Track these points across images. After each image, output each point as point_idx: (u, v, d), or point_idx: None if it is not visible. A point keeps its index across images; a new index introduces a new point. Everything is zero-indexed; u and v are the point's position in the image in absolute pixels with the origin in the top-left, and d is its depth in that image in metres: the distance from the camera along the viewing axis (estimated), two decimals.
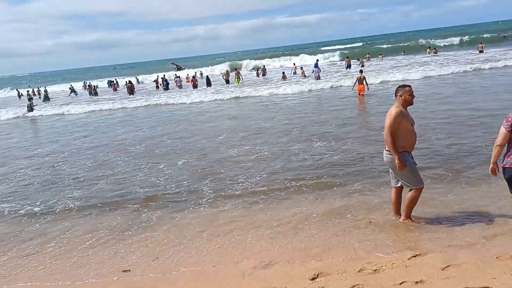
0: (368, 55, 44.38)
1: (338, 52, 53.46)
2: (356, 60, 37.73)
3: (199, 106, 20.96)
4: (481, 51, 35.60)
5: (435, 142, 9.13)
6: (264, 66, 40.69)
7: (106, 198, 7.77)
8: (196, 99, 23.34)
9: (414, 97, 4.94)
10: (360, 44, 76.69)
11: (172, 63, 64.00)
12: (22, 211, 7.49)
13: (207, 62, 76.19)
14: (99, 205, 7.43)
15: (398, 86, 4.99)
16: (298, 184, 7.45)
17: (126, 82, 36.15)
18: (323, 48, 75.33)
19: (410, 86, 4.90)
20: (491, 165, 4.39)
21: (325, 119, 13.60)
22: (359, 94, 18.01)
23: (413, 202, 5.01)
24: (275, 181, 7.73)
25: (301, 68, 33.54)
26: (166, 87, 33.00)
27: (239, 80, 31.53)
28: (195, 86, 31.55)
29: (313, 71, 29.03)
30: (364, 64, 34.44)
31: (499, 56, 30.46)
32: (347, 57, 36.79)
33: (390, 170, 5.11)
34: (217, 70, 48.22)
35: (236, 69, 36.89)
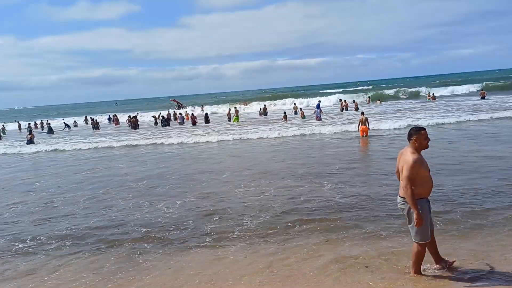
0: (368, 98, 44.85)
1: (337, 95, 53.70)
2: (352, 102, 38.35)
3: (202, 147, 20.01)
4: (483, 98, 35.97)
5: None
6: (265, 105, 40.86)
7: (102, 236, 7.36)
8: (200, 139, 21.68)
9: (430, 140, 4.59)
10: (362, 87, 77.66)
11: (173, 100, 64.51)
12: (12, 247, 7.09)
13: (209, 100, 76.89)
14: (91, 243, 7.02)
15: (411, 128, 4.61)
16: (307, 227, 7.06)
17: (130, 116, 37.52)
18: (322, 91, 76.20)
19: (425, 129, 4.56)
20: None
21: (330, 161, 13.27)
22: (362, 136, 18.23)
23: (419, 256, 4.68)
24: (281, 223, 7.34)
25: (300, 109, 33.71)
26: (166, 123, 33.49)
27: (237, 118, 32.02)
28: (194, 123, 32.22)
29: (314, 112, 29.17)
30: (358, 107, 34.97)
31: (501, 103, 30.57)
32: (341, 100, 37.66)
33: None
34: (220, 109, 47.98)
35: (235, 107, 37.14)
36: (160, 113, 40.83)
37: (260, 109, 39.28)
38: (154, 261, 6.12)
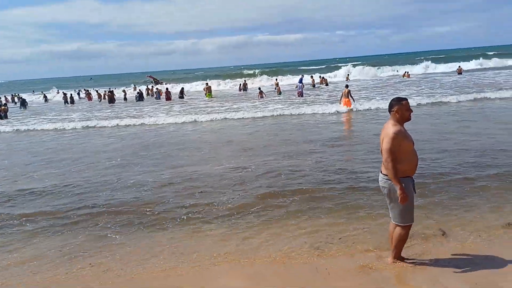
0: (348, 76, 44.78)
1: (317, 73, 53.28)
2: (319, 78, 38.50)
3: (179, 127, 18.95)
4: (460, 73, 36.58)
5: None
6: (245, 81, 40.24)
7: (71, 213, 6.97)
8: (176, 120, 19.44)
9: (412, 111, 4.17)
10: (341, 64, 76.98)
11: (149, 76, 63.09)
12: None
13: (188, 76, 75.38)
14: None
15: (392, 100, 4.22)
16: (285, 202, 6.81)
17: (106, 91, 38.47)
18: (301, 68, 75.58)
19: (406, 100, 4.15)
20: None
21: (314, 138, 13.02)
22: (345, 107, 18.71)
23: (402, 240, 4.26)
24: (258, 198, 7.09)
25: (277, 84, 32.81)
26: (140, 98, 34.01)
27: (210, 94, 32.18)
28: (168, 98, 32.21)
29: (297, 86, 28.95)
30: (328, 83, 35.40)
31: (481, 78, 30.88)
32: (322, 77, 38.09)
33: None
34: (198, 87, 46.70)
35: (207, 83, 36.70)
36: (135, 87, 40.23)
37: (240, 84, 38.76)
38: (125, 237, 5.84)
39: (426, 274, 4.16)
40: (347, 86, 19.97)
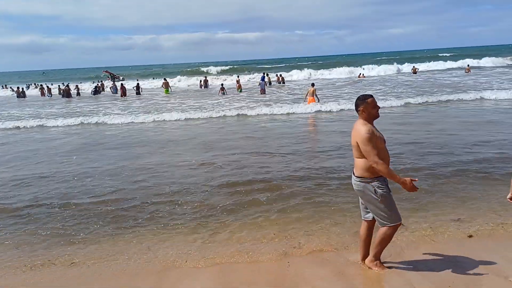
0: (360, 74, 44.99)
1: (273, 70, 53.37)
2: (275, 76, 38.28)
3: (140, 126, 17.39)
4: (415, 73, 38.09)
5: None
6: (205, 77, 39.83)
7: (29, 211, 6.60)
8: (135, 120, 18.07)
9: (379, 108, 3.99)
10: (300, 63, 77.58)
11: (106, 71, 61.14)
12: None
13: (146, 72, 73.71)
14: None
15: (357, 98, 4.00)
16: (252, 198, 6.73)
17: (62, 84, 38.70)
18: (262, 66, 75.82)
19: (372, 97, 3.94)
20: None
21: (278, 136, 12.99)
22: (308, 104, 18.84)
23: (386, 241, 4.03)
24: (227, 195, 6.95)
25: (238, 81, 32.34)
26: (97, 92, 34.68)
27: (167, 90, 32.47)
28: (123, 94, 31.80)
29: (259, 84, 28.85)
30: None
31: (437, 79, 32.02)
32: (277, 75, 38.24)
33: (361, 201, 4.15)
34: (156, 83, 45.56)
35: (165, 79, 36.29)
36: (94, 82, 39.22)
37: (201, 81, 38.29)
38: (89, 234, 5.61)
39: (398, 275, 4.06)
40: (313, 85, 20.06)
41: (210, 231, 5.59)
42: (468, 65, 39.92)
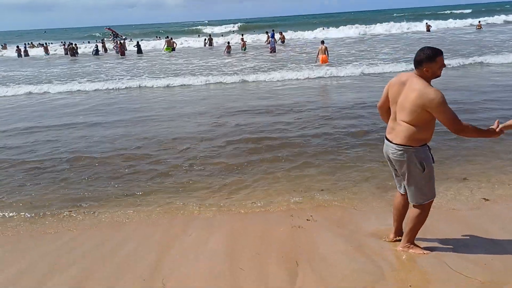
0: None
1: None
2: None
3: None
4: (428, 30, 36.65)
5: None
6: (210, 35, 38.76)
7: None
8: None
9: (445, 66, 3.30)
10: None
11: (109, 28, 59.60)
12: None
13: (150, 31, 72.02)
14: None
15: (422, 51, 3.19)
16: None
17: (68, 43, 37.38)
18: (269, 23, 73.53)
19: (442, 54, 3.20)
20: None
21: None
22: (322, 64, 18.44)
23: (421, 222, 3.49)
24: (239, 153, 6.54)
25: (242, 39, 30.59)
26: (96, 52, 33.12)
27: (169, 48, 31.58)
28: (122, 53, 30.96)
29: (269, 42, 27.52)
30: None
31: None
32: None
33: (394, 172, 3.61)
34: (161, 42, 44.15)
35: (167, 36, 35.38)
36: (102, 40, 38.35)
37: (205, 39, 37.19)
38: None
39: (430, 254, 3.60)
40: (323, 42, 19.56)
41: (227, 186, 5.59)
42: (479, 21, 38.62)
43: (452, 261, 3.41)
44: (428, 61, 3.15)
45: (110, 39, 45.42)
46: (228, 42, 29.33)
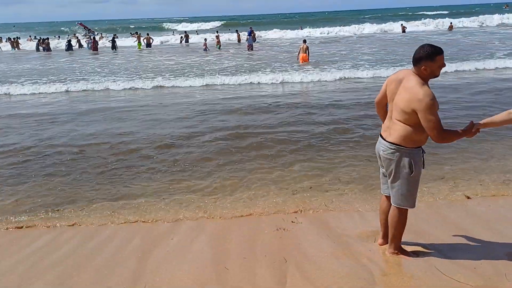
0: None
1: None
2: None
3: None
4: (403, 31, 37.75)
5: None
6: (186, 32, 38.32)
7: None
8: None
9: (445, 66, 3.17)
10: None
11: (81, 24, 58.23)
12: None
13: (122, 27, 70.67)
14: None
15: (421, 49, 3.09)
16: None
17: (40, 38, 35.64)
18: (244, 21, 73.29)
19: (443, 53, 3.09)
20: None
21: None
22: (302, 63, 18.46)
23: (402, 224, 3.40)
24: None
25: (217, 36, 30.44)
26: (68, 47, 31.84)
27: (140, 44, 31.09)
28: (94, 48, 30.25)
29: (247, 39, 27.66)
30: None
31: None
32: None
33: (382, 170, 3.50)
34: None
35: (136, 32, 34.98)
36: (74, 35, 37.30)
37: (181, 36, 36.73)
38: None
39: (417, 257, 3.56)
40: (304, 41, 19.62)
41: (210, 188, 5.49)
42: (450, 23, 40.03)
43: (442, 266, 3.38)
44: (428, 59, 3.05)
45: (82, 34, 44.31)
46: (205, 39, 29.23)
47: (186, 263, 3.66)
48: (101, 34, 45.41)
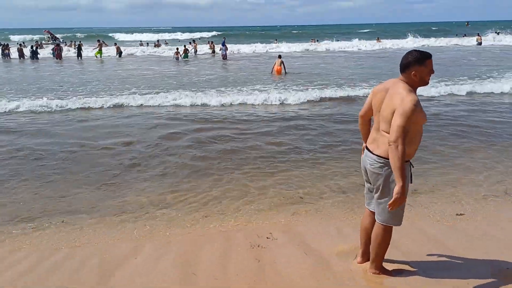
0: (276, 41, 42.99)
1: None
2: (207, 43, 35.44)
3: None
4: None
5: None
6: (158, 41, 38.22)
7: None
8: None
9: (434, 73, 2.97)
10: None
11: (47, 31, 56.58)
12: None
13: (89, 35, 69.26)
14: None
15: (409, 54, 2.93)
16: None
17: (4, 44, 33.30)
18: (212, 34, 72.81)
19: (431, 57, 2.92)
20: None
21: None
22: (277, 75, 18.58)
23: (386, 242, 3.17)
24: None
25: (185, 46, 30.06)
26: (33, 55, 29.41)
27: (100, 52, 30.16)
28: (58, 56, 28.96)
29: (220, 49, 28.02)
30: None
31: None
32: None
33: (367, 185, 3.26)
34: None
35: (99, 40, 34.45)
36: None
37: (154, 44, 36.45)
38: None
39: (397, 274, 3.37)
40: (280, 57, 20.00)
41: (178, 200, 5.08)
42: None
43: (427, 286, 3.18)
44: (417, 64, 2.88)
45: (49, 43, 43.01)
46: (177, 48, 29.02)
47: (152, 282, 3.32)
48: (72, 41, 43.89)
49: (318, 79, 16.74)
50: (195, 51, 30.49)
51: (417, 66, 2.88)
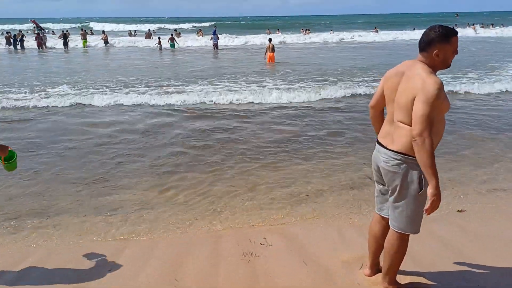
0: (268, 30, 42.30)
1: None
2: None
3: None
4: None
5: None
6: (149, 30, 37.31)
7: None
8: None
9: (457, 53, 2.51)
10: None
11: (33, 21, 55.27)
12: None
13: (77, 26, 67.85)
14: None
15: (432, 29, 2.44)
16: None
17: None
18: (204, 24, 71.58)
19: (457, 35, 2.47)
20: None
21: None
22: (269, 62, 18.23)
23: (402, 253, 2.72)
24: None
25: (171, 34, 29.05)
26: (18, 44, 28.62)
27: (85, 42, 30.02)
28: (39, 45, 27.97)
29: (211, 38, 27.53)
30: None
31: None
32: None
33: (378, 188, 2.85)
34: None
35: (82, 29, 34.05)
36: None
37: (145, 33, 35.69)
38: None
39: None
40: (270, 40, 19.26)
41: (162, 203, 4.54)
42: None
43: None
44: (441, 41, 2.41)
45: (35, 32, 41.96)
46: (159, 37, 28.77)
47: None
48: (63, 32, 42.65)
49: (315, 70, 16.15)
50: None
51: (441, 44, 2.42)
